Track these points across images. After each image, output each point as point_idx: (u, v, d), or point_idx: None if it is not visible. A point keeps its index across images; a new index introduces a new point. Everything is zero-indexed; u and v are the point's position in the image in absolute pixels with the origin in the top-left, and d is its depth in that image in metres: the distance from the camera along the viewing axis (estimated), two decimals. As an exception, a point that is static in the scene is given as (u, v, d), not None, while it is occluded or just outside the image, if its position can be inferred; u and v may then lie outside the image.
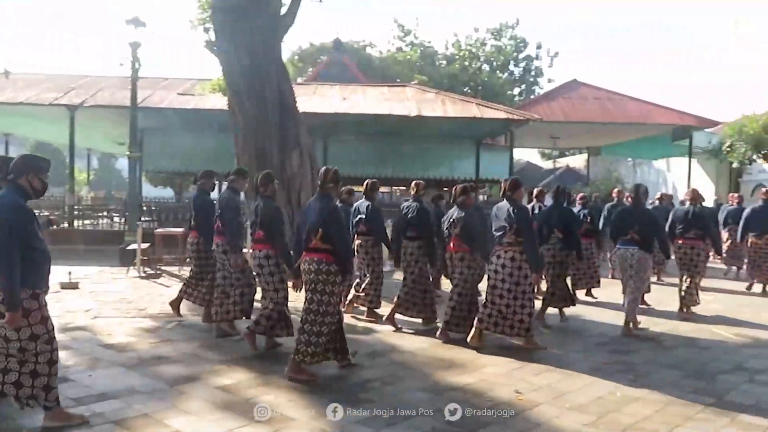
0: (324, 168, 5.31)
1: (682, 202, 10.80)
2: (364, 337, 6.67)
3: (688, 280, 8.29)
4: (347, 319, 6.81)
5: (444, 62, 42.01)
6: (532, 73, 43.32)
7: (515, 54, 42.77)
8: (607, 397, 4.76)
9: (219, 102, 14.80)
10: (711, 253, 9.56)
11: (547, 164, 38.21)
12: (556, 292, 7.80)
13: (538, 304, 7.17)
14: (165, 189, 32.16)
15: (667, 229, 8.35)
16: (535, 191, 9.73)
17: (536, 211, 8.89)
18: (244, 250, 6.44)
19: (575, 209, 9.42)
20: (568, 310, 7.93)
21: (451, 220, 6.66)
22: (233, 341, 6.30)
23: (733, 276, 12.45)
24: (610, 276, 10.88)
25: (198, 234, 7.06)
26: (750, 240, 10.70)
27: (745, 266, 11.21)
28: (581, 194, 10.74)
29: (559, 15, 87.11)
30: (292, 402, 4.48)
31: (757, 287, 10.69)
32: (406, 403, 4.47)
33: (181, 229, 12.90)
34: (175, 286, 9.78)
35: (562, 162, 37.13)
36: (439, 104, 17.87)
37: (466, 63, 41.05)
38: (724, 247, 12.00)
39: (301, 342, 4.98)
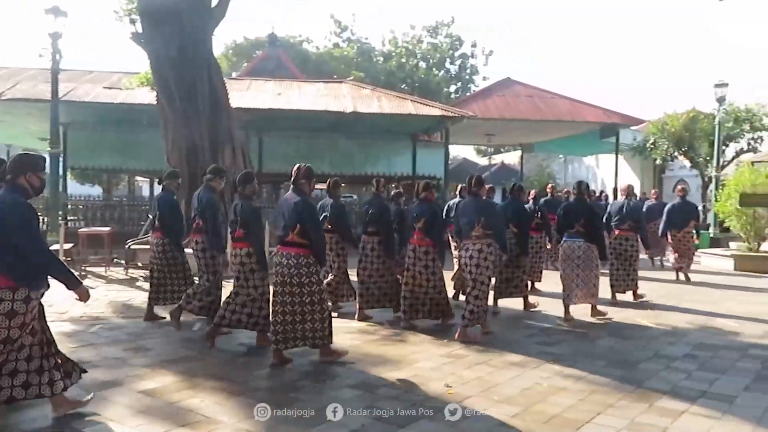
0: (296, 165, 5.47)
1: (616, 197, 11.38)
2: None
3: (625, 268, 8.85)
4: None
5: (381, 59, 42.17)
6: (468, 70, 44.03)
7: (451, 52, 43.36)
8: (534, 388, 4.87)
9: (147, 96, 14.34)
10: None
11: (483, 161, 38.91)
12: (510, 286, 8.18)
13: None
14: (93, 186, 30.99)
15: (603, 220, 8.84)
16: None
17: None
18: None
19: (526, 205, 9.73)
20: (502, 302, 8.14)
21: (414, 214, 7.03)
22: (159, 342, 6.13)
23: (658, 266, 13.06)
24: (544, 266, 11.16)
25: (163, 235, 7.04)
26: (670, 234, 11.34)
27: (671, 256, 11.80)
28: (532, 191, 11.00)
29: (493, 13, 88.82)
30: (219, 405, 4.37)
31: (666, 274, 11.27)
32: (337, 401, 4.45)
33: (107, 229, 12.47)
34: (101, 288, 9.45)
35: (497, 158, 37.90)
36: (374, 101, 17.89)
37: (403, 60, 41.33)
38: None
39: (317, 330, 5.34)
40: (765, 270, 13.15)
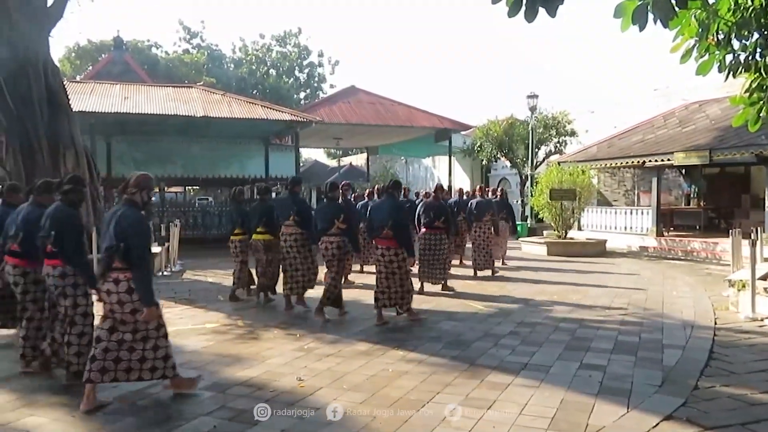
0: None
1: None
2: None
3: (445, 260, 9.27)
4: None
5: (232, 66, 40.87)
6: (316, 78, 43.99)
7: (300, 60, 43.07)
8: (380, 374, 4.89)
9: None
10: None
11: (333, 163, 39.08)
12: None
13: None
14: None
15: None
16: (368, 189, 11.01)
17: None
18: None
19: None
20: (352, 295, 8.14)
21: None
22: None
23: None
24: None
25: None
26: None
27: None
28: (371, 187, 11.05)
29: (339, 25, 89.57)
30: (59, 421, 3.89)
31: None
32: (188, 405, 4.15)
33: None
34: None
35: (345, 160, 38.22)
36: (225, 105, 17.25)
37: (254, 67, 40.37)
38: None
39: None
40: (571, 254, 14.50)
